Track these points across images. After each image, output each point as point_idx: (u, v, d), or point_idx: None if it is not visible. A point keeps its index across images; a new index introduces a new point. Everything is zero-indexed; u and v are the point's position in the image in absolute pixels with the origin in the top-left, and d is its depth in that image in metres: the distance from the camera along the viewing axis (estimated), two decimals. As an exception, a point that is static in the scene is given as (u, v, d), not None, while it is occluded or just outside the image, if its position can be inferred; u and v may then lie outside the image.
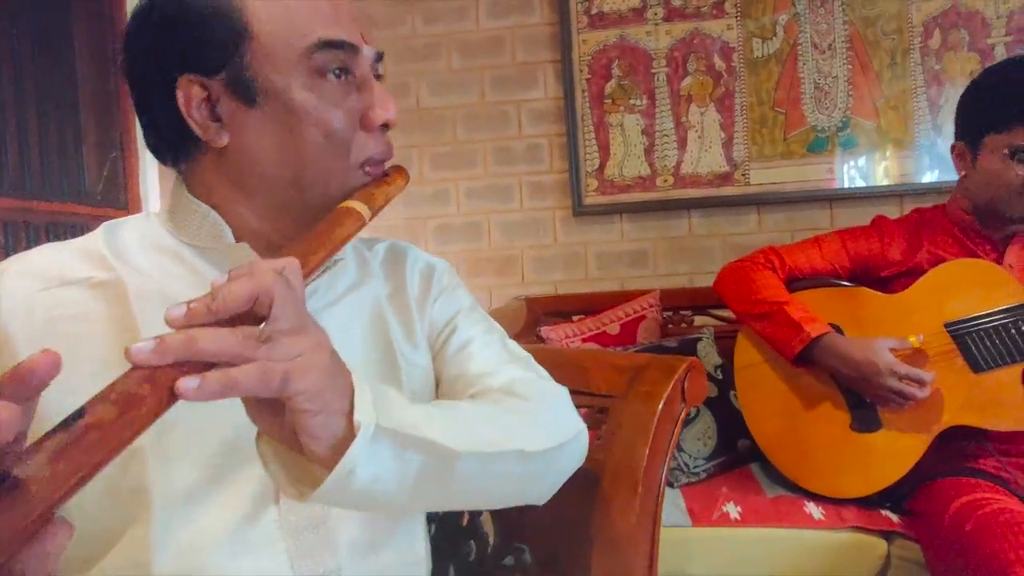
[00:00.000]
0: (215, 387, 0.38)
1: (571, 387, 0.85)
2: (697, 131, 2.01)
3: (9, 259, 0.59)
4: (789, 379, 1.38)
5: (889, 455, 1.25)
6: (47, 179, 1.41)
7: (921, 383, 1.18)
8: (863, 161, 1.96)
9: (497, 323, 0.78)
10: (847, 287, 1.35)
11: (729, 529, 1.28)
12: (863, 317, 1.30)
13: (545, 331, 1.67)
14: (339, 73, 0.57)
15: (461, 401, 0.63)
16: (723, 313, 1.87)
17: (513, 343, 0.77)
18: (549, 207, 2.13)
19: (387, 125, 0.60)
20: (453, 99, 2.14)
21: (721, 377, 1.58)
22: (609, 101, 2.04)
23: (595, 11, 2.03)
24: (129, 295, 0.57)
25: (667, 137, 2.03)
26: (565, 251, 2.13)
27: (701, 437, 1.49)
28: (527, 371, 0.72)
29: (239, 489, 0.57)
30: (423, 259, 0.76)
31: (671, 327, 1.87)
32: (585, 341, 1.68)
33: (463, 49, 2.10)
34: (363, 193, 0.58)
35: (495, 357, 0.71)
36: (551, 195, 2.12)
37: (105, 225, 0.62)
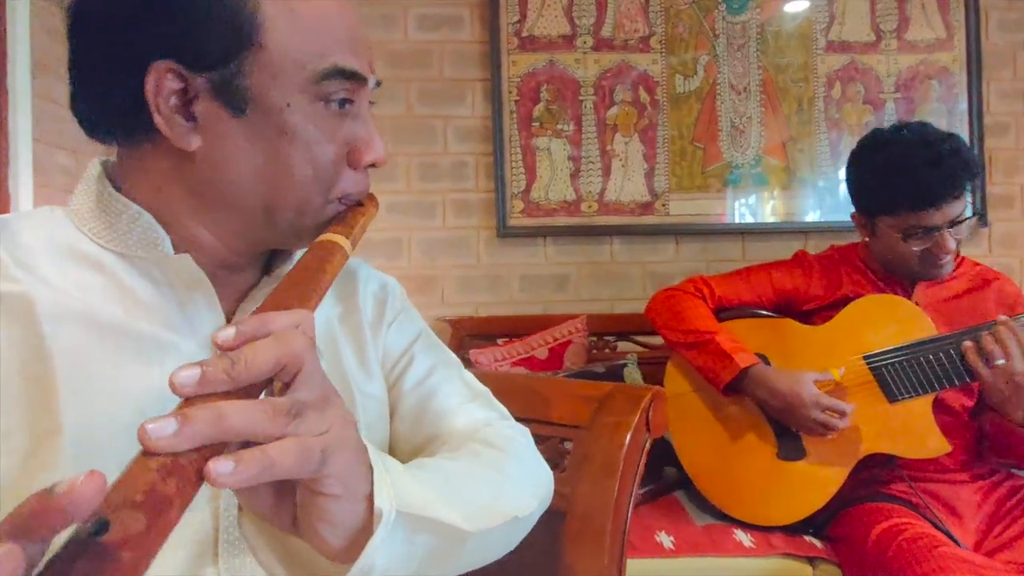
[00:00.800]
0: (252, 471, 0.32)
1: (531, 417, 0.81)
2: (621, 160, 2.05)
3: None
4: (717, 408, 1.41)
5: (813, 483, 1.30)
6: None
7: (842, 414, 1.24)
8: (771, 198, 2.07)
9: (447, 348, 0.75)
10: (773, 318, 1.40)
11: (664, 560, 1.27)
12: (788, 348, 1.36)
13: (473, 355, 1.62)
14: (342, 103, 0.51)
15: (443, 459, 0.57)
16: (646, 339, 1.90)
17: (469, 375, 0.74)
18: (473, 227, 2.08)
19: (374, 164, 0.55)
20: (378, 109, 2.03)
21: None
22: (537, 124, 2.04)
23: (526, 34, 2.02)
24: (37, 312, 0.46)
25: (592, 164, 2.05)
26: (488, 272, 2.09)
27: (630, 465, 1.49)
28: (489, 410, 0.70)
29: (173, 551, 0.49)
30: (376, 278, 0.70)
31: (595, 352, 1.87)
32: (514, 365, 1.64)
33: (390, 59, 2.02)
34: (342, 225, 0.52)
35: (456, 394, 0.68)
36: (476, 214, 2.07)
37: None
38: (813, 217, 2.08)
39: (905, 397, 1.24)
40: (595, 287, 2.09)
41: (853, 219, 1.39)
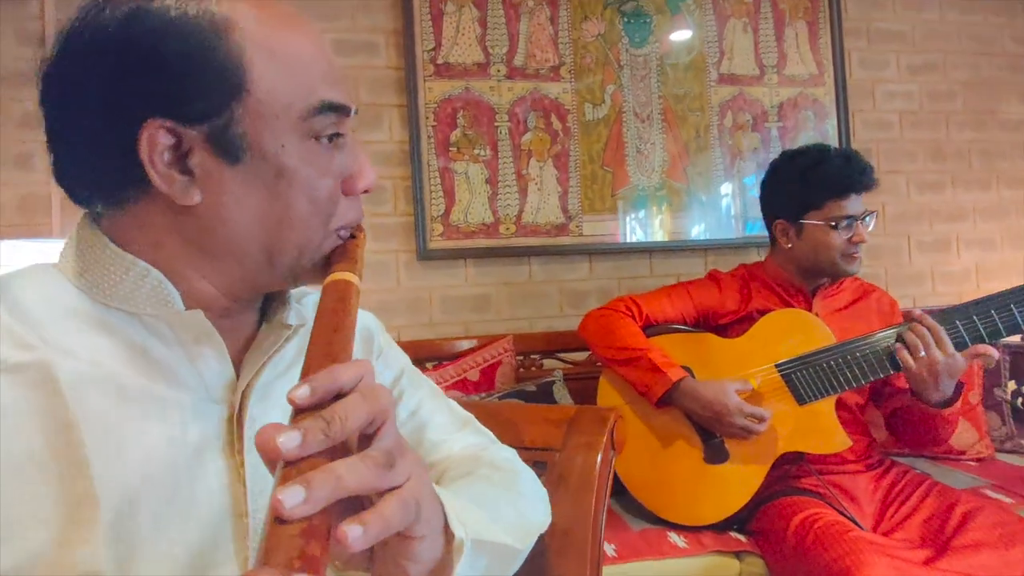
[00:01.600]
0: (376, 531, 0.35)
1: (506, 443, 0.84)
2: (537, 183, 2.12)
3: None
4: (647, 419, 1.50)
5: (736, 483, 1.42)
6: None
7: (761, 419, 1.36)
8: (676, 218, 2.23)
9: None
10: (694, 333, 1.51)
11: (610, 567, 1.33)
12: (709, 360, 1.47)
13: (410, 382, 1.60)
14: (331, 137, 0.52)
15: (463, 485, 0.61)
16: (570, 356, 1.97)
17: (453, 402, 0.77)
18: (393, 250, 2.07)
19: (367, 191, 0.56)
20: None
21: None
22: (454, 149, 2.07)
23: (441, 61, 2.05)
24: (57, 380, 0.44)
25: (509, 187, 2.11)
26: (409, 295, 2.08)
27: (567, 480, 1.54)
28: (480, 435, 0.74)
29: None
30: (359, 316, 0.71)
31: (523, 371, 1.91)
32: (448, 389, 1.65)
33: (303, 83, 1.98)
34: (347, 262, 0.53)
35: (448, 423, 0.72)
36: (395, 238, 2.07)
37: None
38: (711, 235, 2.26)
39: (812, 399, 1.38)
40: (515, 307, 2.14)
41: (776, 229, 1.52)
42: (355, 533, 0.33)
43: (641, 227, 2.21)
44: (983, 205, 2.56)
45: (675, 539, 1.40)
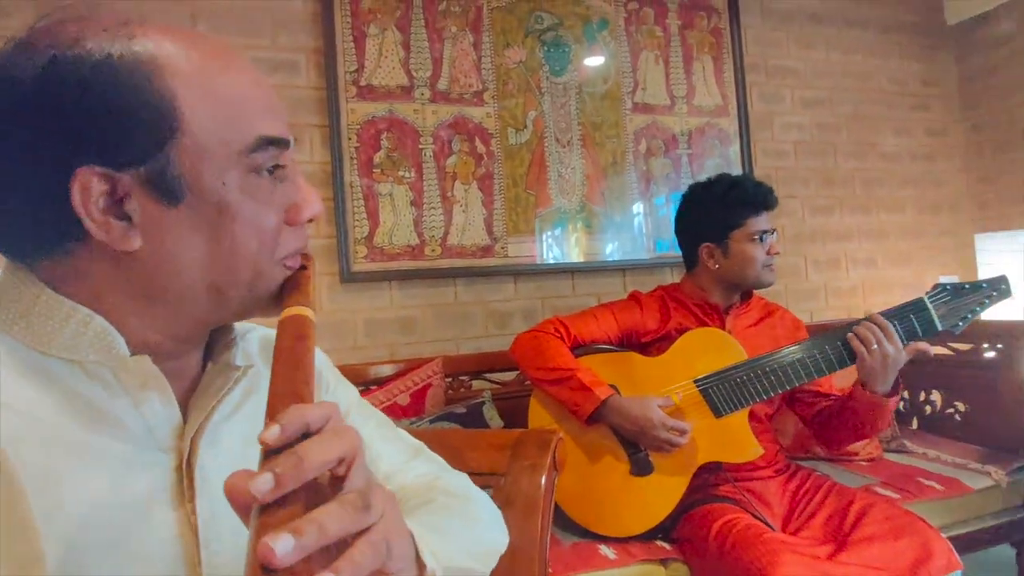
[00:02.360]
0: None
1: (454, 469, 0.85)
2: (462, 206, 2.15)
3: None
4: (577, 437, 1.54)
5: (661, 493, 1.48)
6: None
7: (683, 432, 1.44)
8: (596, 239, 2.32)
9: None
10: (619, 352, 1.58)
11: (544, 585, 1.36)
12: (633, 377, 1.54)
13: (339, 408, 1.58)
14: (272, 169, 0.51)
15: (425, 514, 0.61)
16: (498, 377, 1.99)
17: (403, 431, 0.77)
18: (316, 273, 2.03)
19: (312, 219, 0.56)
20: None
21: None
22: (378, 171, 2.06)
23: (364, 83, 2.05)
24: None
25: (434, 209, 2.12)
26: (332, 319, 2.04)
27: (498, 499, 1.56)
28: (432, 463, 0.75)
29: None
30: None
31: (452, 393, 1.92)
32: (379, 415, 1.63)
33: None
34: (300, 294, 0.53)
35: (400, 453, 0.72)
36: (317, 260, 1.99)
37: None
38: (627, 255, 2.36)
39: (728, 412, 1.47)
40: (440, 328, 2.15)
41: (702, 253, 1.61)
42: None
43: (562, 248, 2.28)
44: (866, 228, 2.81)
45: (605, 551, 1.45)
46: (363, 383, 1.87)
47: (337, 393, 0.71)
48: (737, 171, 2.52)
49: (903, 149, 2.91)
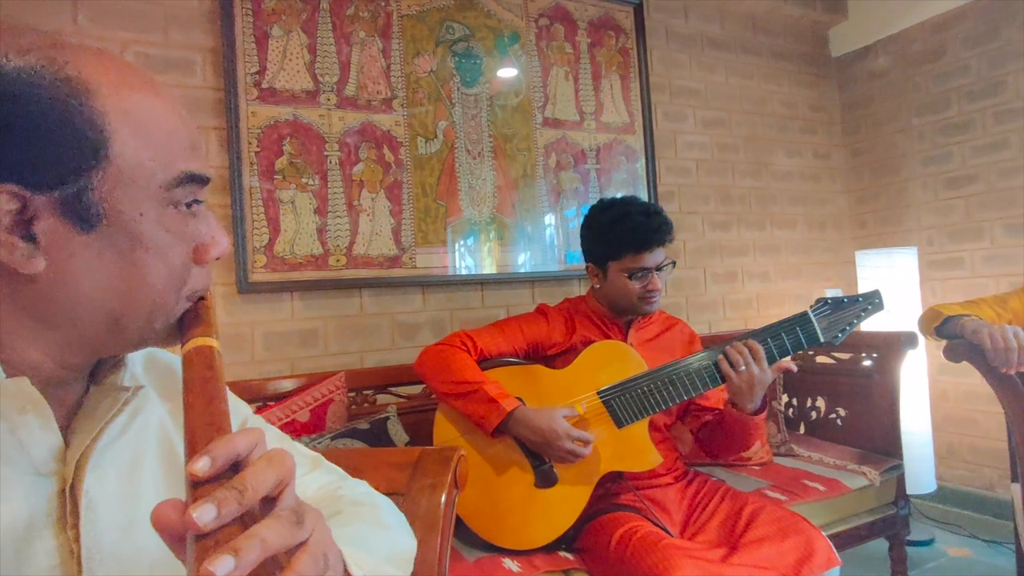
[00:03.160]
0: None
1: None
2: (369, 215, 2.10)
3: None
4: (482, 450, 1.53)
5: (565, 504, 1.50)
6: None
7: (587, 442, 1.46)
8: (505, 251, 2.32)
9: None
10: (525, 365, 1.58)
11: (446, 603, 1.33)
12: (539, 390, 1.55)
13: (232, 427, 1.49)
14: (190, 205, 0.52)
15: (338, 525, 0.61)
16: (403, 390, 1.95)
17: (300, 444, 0.78)
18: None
19: (219, 258, 0.57)
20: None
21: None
22: (280, 177, 1.98)
23: (267, 86, 1.97)
24: None
25: (340, 218, 2.06)
26: (228, 331, 1.94)
27: (402, 517, 1.53)
28: (331, 473, 0.76)
29: None
30: None
31: (355, 408, 1.86)
32: (276, 433, 1.56)
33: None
34: (204, 326, 0.53)
35: (299, 466, 0.72)
36: (212, 270, 1.92)
37: None
38: (537, 267, 2.39)
39: (629, 422, 1.50)
40: (344, 340, 2.09)
41: (587, 270, 1.67)
42: None
43: (472, 259, 2.27)
44: (761, 243, 2.98)
45: (509, 564, 1.44)
46: (261, 399, 1.78)
47: (231, 410, 0.69)
48: (643, 186, 2.61)
49: (794, 169, 3.11)
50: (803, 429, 2.29)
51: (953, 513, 2.78)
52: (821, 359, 2.25)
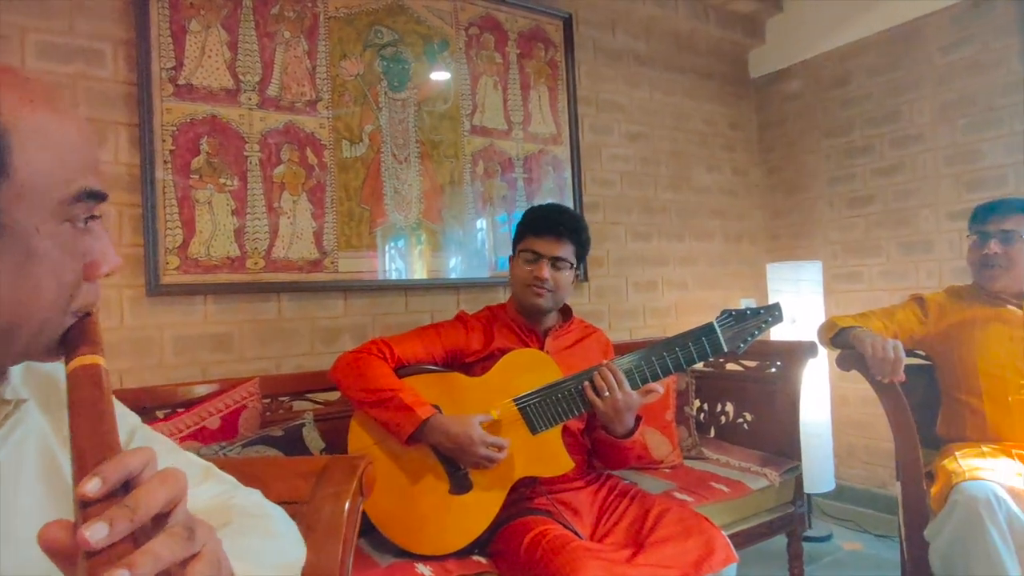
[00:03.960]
0: None
1: None
2: (289, 218, 2.07)
3: None
4: (397, 457, 1.54)
5: (479, 509, 1.52)
6: None
7: (501, 448, 1.48)
8: (432, 257, 2.33)
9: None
10: (443, 372, 1.60)
11: (356, 611, 1.33)
12: (456, 397, 1.56)
13: (134, 435, 1.43)
14: (86, 221, 0.52)
15: (230, 537, 0.60)
16: (321, 396, 1.93)
17: (191, 454, 0.77)
18: (116, 285, 1.84)
19: (109, 274, 0.57)
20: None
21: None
22: (196, 177, 1.93)
23: (183, 81, 1.91)
24: None
25: (259, 221, 2.02)
26: (134, 335, 1.86)
27: (315, 525, 1.51)
28: (223, 483, 0.75)
29: None
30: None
31: (270, 415, 1.82)
32: (184, 440, 1.51)
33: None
34: (91, 344, 0.52)
35: (189, 477, 0.72)
36: (119, 271, 1.84)
37: None
38: (463, 274, 2.40)
39: (543, 428, 1.54)
40: (261, 345, 2.04)
41: (510, 261, 1.75)
42: None
43: (397, 265, 2.27)
44: (680, 254, 3.10)
45: (422, 569, 1.45)
46: (170, 405, 1.72)
47: (118, 421, 0.67)
48: (569, 196, 2.67)
49: (713, 184, 3.25)
50: (713, 433, 2.40)
51: (850, 510, 2.97)
52: (731, 366, 2.37)
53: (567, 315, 1.77)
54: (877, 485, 2.96)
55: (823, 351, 2.09)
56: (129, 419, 0.70)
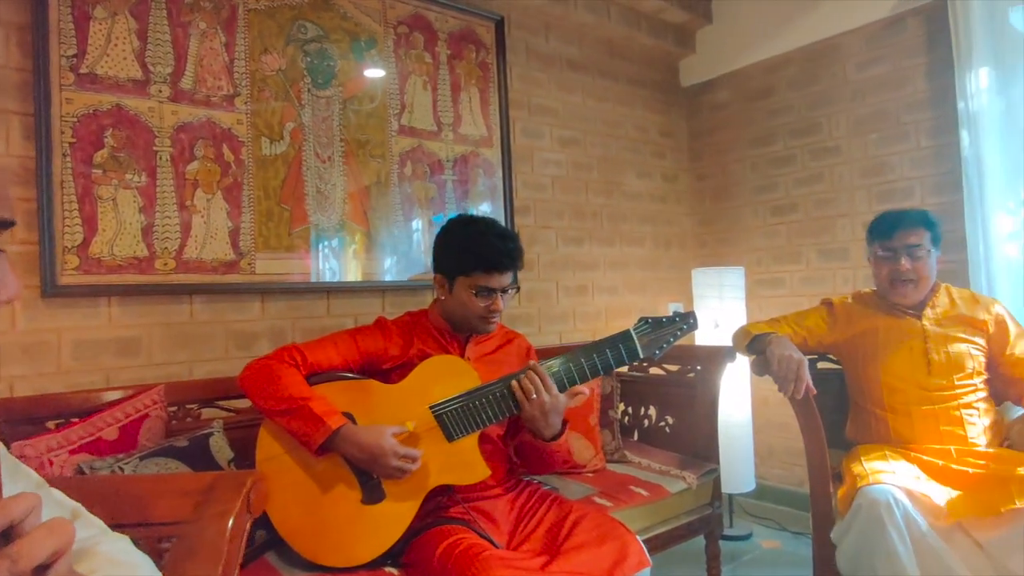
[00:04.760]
0: None
1: (127, 521, 0.79)
2: (203, 217, 1.98)
3: None
4: (307, 467, 1.49)
5: (392, 519, 1.48)
6: None
7: (414, 459, 1.45)
8: (353, 259, 2.27)
9: None
10: (358, 380, 1.55)
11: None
12: (371, 405, 1.52)
13: (18, 447, 1.33)
14: None
15: None
16: (232, 404, 1.85)
17: (59, 493, 0.73)
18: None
19: (8, 303, 0.56)
20: None
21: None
22: (99, 171, 1.82)
23: (86, 70, 1.80)
24: None
25: (169, 219, 1.92)
26: (28, 339, 1.74)
27: (219, 540, 1.44)
28: (90, 528, 0.71)
29: None
30: None
31: (176, 423, 1.74)
32: (75, 453, 1.42)
33: None
34: None
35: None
36: (14, 270, 1.72)
37: None
38: (389, 277, 2.36)
39: (459, 436, 1.52)
40: (170, 350, 1.95)
41: (435, 280, 1.66)
42: None
43: (320, 267, 2.20)
44: (610, 258, 3.13)
45: (330, 584, 1.41)
46: (64, 414, 1.61)
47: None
48: (500, 200, 2.66)
49: (644, 190, 3.31)
50: (637, 436, 2.43)
51: (770, 508, 3.07)
52: (655, 370, 2.41)
53: None
54: (796, 484, 3.07)
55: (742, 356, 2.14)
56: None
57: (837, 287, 2.94)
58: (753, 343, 1.93)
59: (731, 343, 2.08)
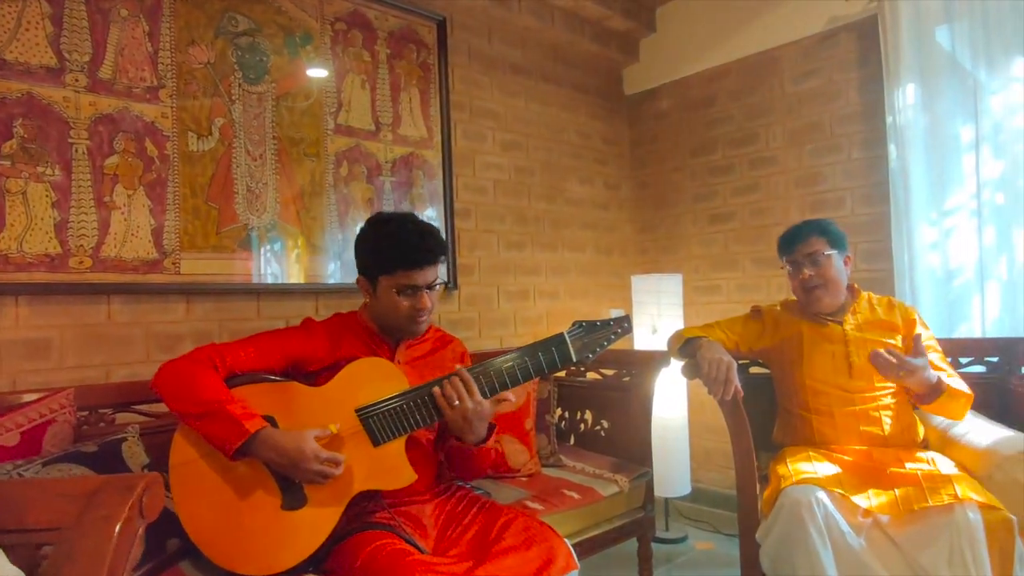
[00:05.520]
0: None
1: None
2: (123, 213, 1.89)
3: None
4: (224, 472, 1.43)
5: (313, 526, 1.44)
6: None
7: (337, 463, 1.41)
8: (286, 260, 2.21)
9: None
10: (280, 382, 1.50)
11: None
12: (294, 408, 1.48)
13: (-102, 457, 1.24)
14: None
15: None
16: (149, 408, 1.77)
17: None
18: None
19: None
20: None
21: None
22: (8, 163, 1.72)
23: (-7, 55, 1.70)
24: None
25: (86, 215, 1.83)
26: (-74, 340, 1.63)
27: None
28: None
29: None
30: None
31: (87, 428, 1.65)
32: (-35, 462, 1.32)
33: None
34: None
35: None
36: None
37: None
38: (322, 279, 2.30)
39: (385, 440, 1.49)
40: (86, 353, 1.85)
41: (358, 283, 1.63)
42: None
43: (251, 268, 2.13)
44: (552, 263, 3.14)
45: (247, 595, 1.35)
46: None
47: None
48: (440, 202, 2.63)
49: (586, 196, 3.33)
50: (573, 440, 2.43)
51: (705, 511, 3.12)
52: (592, 375, 2.42)
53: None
54: (730, 488, 3.13)
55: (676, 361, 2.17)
56: None
57: (771, 294, 3.02)
58: (685, 347, 1.96)
59: (666, 347, 2.11)
